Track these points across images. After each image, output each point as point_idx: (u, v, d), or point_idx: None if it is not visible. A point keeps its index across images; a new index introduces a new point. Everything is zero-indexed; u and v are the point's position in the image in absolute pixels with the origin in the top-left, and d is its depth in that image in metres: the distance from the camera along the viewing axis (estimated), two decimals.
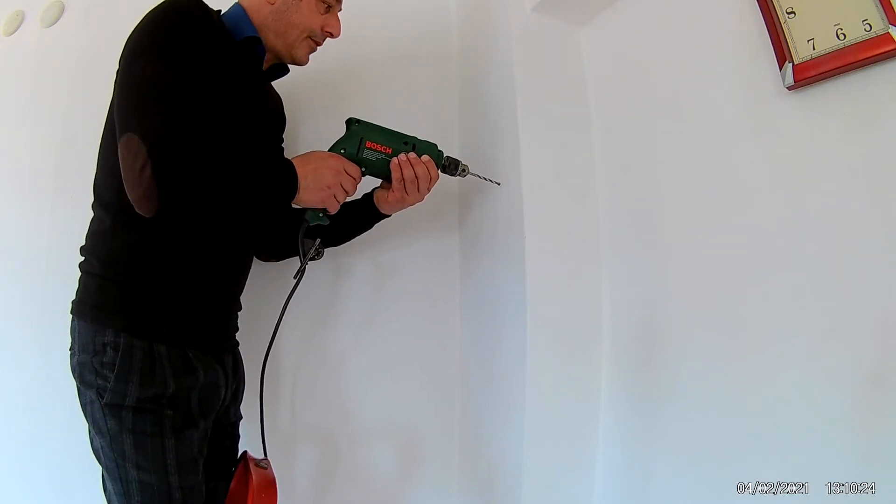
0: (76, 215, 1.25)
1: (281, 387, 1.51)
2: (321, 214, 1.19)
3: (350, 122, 1.23)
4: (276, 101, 1.42)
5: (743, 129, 1.05)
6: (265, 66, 1.29)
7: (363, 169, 1.22)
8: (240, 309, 1.32)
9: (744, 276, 1.04)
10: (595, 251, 1.34)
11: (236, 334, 1.32)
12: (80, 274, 1.15)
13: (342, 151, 1.20)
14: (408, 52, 1.65)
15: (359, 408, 1.54)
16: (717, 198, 1.10)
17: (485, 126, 1.50)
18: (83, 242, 1.17)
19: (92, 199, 1.17)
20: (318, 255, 1.23)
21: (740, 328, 1.04)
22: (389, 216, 1.35)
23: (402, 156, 1.22)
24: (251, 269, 1.33)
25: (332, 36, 1.29)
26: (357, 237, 1.41)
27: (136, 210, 1.01)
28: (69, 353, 1.12)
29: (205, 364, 1.16)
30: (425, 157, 1.23)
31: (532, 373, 1.26)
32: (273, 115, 1.40)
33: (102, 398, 1.05)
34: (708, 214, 1.11)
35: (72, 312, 1.14)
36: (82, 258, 1.16)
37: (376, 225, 1.37)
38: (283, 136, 1.46)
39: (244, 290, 1.32)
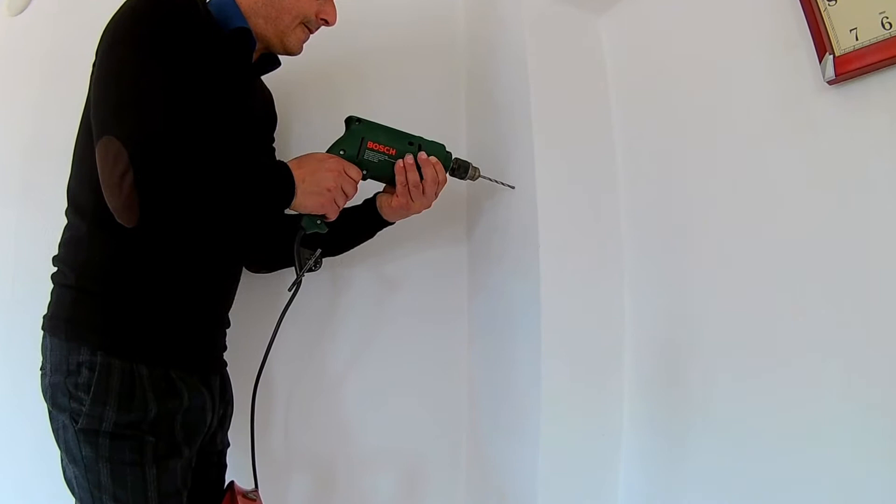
0: (47, 222, 1.25)
1: (273, 410, 1.51)
2: (319, 221, 1.18)
3: (350, 121, 1.23)
4: (266, 98, 1.42)
5: (778, 128, 1.04)
6: (254, 57, 1.29)
7: (364, 171, 1.22)
8: (228, 326, 1.32)
9: (778, 288, 1.04)
10: (616, 261, 1.34)
11: (224, 354, 1.31)
12: (52, 286, 1.15)
13: (341, 153, 1.20)
14: (410, 42, 1.65)
15: (358, 432, 1.54)
16: (750, 203, 1.09)
17: (495, 124, 1.49)
18: (55, 252, 1.16)
19: (65, 205, 1.17)
20: (315, 266, 1.22)
21: (774, 345, 1.04)
22: (393, 224, 1.35)
23: (408, 157, 1.22)
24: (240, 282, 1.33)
25: (327, 24, 1.28)
26: (357, 246, 1.40)
27: (117, 219, 1.00)
28: (40, 372, 1.11)
29: (190, 386, 1.15)
30: (433, 159, 1.23)
31: (547, 394, 1.25)
32: (263, 114, 1.40)
33: (76, 423, 1.04)
34: (739, 221, 1.11)
35: (43, 328, 1.13)
36: (55, 269, 1.15)
37: (377, 233, 1.37)
38: (274, 136, 1.46)
39: (232, 305, 1.32)
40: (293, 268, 1.21)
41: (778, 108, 1.05)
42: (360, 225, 1.35)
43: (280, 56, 1.33)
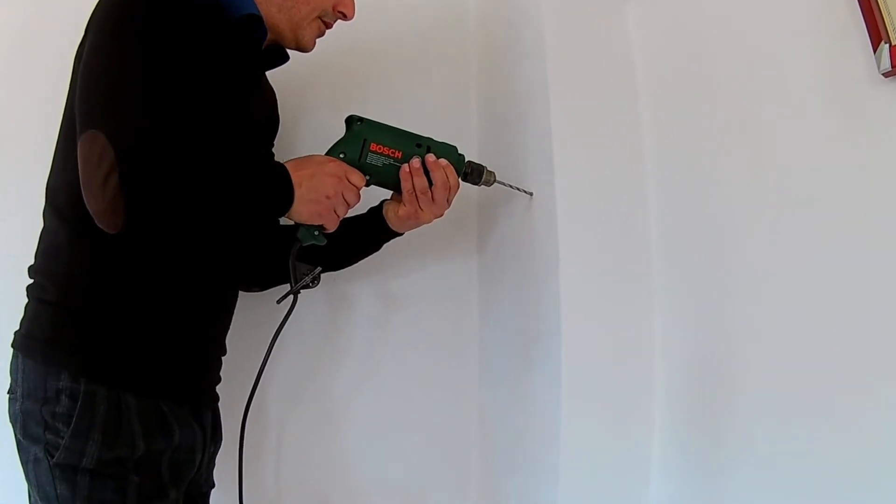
0: (20, 225, 1.26)
1: (264, 445, 1.51)
2: (316, 233, 1.18)
3: (351, 121, 1.23)
4: (270, 97, 1.40)
5: (828, 126, 1.01)
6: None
7: (368, 177, 1.22)
8: (224, 353, 1.31)
9: (830, 308, 1.00)
10: (646, 277, 1.32)
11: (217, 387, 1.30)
12: (27, 301, 1.14)
13: (342, 156, 1.20)
14: (415, 33, 1.65)
15: (357, 469, 1.53)
16: (796, 211, 1.06)
17: (509, 123, 1.48)
18: (21, 258, 1.16)
19: (42, 206, 1.16)
20: (313, 282, 1.22)
21: (826, 373, 1.00)
22: (401, 235, 1.35)
23: (415, 160, 1.22)
24: None
25: (344, 17, 1.29)
26: (362, 260, 1.40)
27: (97, 223, 0.99)
28: (8, 396, 1.11)
29: (181, 421, 1.14)
30: (442, 162, 1.23)
31: (567, 428, 1.23)
32: (265, 115, 1.38)
33: (52, 457, 1.03)
34: (786, 231, 1.08)
35: (14, 346, 1.12)
36: (31, 280, 1.14)
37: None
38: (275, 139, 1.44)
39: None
40: (289, 285, 1.21)
41: (827, 104, 1.01)
42: (364, 236, 1.35)
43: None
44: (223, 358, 1.31)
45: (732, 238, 1.18)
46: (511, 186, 1.33)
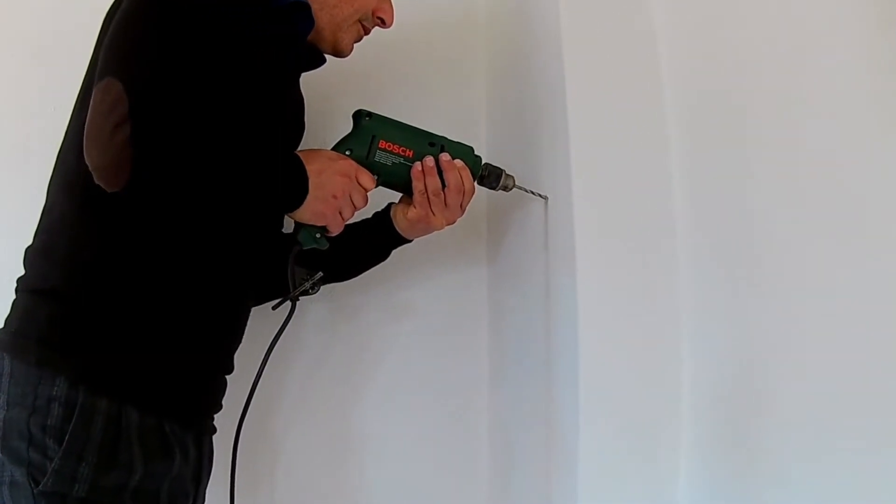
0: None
1: (258, 469, 1.49)
2: (318, 235, 1.18)
3: (359, 116, 1.23)
4: (299, 102, 1.38)
5: (876, 124, 0.97)
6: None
7: (376, 177, 1.21)
8: (231, 371, 1.27)
9: (878, 328, 0.96)
10: (672, 291, 1.28)
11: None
12: (15, 297, 1.11)
13: (348, 153, 1.20)
14: (420, 24, 1.62)
15: (361, 489, 1.53)
16: (840, 218, 1.02)
17: (522, 119, 1.47)
18: (14, 259, 1.13)
19: (49, 178, 1.14)
20: (312, 289, 1.23)
21: (872, 401, 0.96)
22: (410, 241, 1.34)
23: (428, 160, 1.21)
24: None
25: (383, 24, 1.29)
26: (369, 269, 1.40)
27: (96, 179, 0.97)
28: None
29: (182, 445, 1.12)
30: (458, 163, 1.23)
31: (585, 451, 1.20)
32: (292, 117, 1.35)
33: (37, 483, 0.98)
34: (826, 241, 1.04)
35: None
36: (24, 270, 1.12)
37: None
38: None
39: None
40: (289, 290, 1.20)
41: (875, 98, 0.97)
42: (371, 242, 1.35)
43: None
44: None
45: (768, 248, 1.15)
46: (526, 190, 1.32)
